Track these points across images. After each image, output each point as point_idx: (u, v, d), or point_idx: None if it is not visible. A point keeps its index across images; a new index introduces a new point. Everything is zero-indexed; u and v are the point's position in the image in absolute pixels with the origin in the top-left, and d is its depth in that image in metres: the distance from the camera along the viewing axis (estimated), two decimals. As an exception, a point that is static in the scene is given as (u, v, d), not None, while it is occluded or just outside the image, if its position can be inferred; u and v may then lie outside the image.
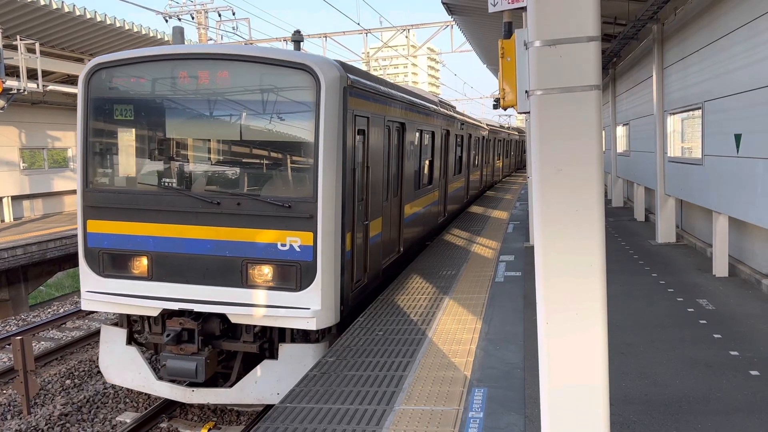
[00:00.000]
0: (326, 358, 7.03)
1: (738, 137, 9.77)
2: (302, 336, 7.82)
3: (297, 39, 9.05)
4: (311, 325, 7.39)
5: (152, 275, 7.86)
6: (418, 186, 12.90)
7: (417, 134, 12.45)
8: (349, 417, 5.51)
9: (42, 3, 18.32)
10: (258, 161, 8.02)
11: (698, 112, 12.13)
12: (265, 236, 7.47)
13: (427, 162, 13.85)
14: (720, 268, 10.90)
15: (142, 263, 7.91)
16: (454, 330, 7.91)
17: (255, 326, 7.75)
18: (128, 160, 8.39)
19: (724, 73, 10.56)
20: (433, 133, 14.19)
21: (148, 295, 7.85)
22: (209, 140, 8.09)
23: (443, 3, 15.60)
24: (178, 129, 8.03)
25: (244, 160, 8.05)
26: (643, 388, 6.15)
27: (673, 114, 14.29)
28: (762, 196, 8.87)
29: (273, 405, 6.95)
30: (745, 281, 10.41)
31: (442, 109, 15.41)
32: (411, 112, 11.70)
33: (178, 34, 9.02)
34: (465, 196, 21.20)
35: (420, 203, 13.10)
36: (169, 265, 7.78)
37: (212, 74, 7.65)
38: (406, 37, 29.41)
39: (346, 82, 7.75)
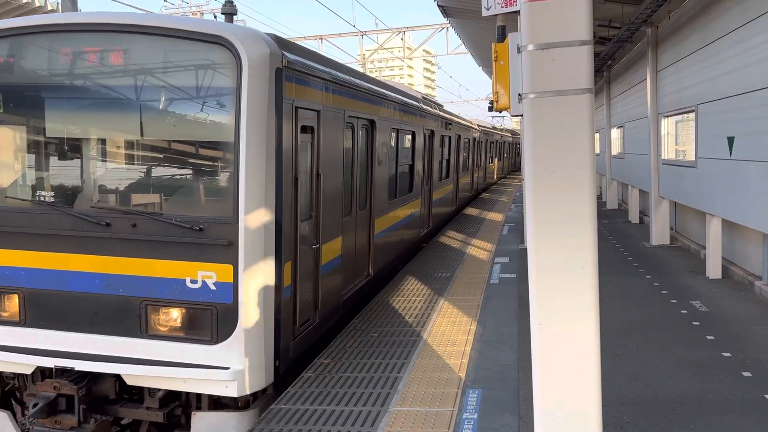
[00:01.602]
0: (321, 359, 7.04)
1: (731, 140, 9.84)
2: (228, 399, 5.91)
3: (228, 11, 7.10)
4: (231, 391, 5.57)
5: (25, 320, 6.06)
6: (395, 195, 11.14)
7: (392, 134, 10.69)
8: (344, 418, 5.53)
9: (37, 4, 18.32)
10: (162, 168, 6.21)
11: (692, 115, 12.20)
12: (169, 269, 5.69)
13: (406, 167, 12.26)
14: (713, 269, 10.97)
15: (12, 303, 6.12)
16: (449, 332, 7.93)
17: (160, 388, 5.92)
18: None
19: (717, 76, 10.62)
20: (413, 134, 12.57)
21: (20, 346, 6.02)
22: (99, 139, 6.24)
23: (438, 5, 15.65)
24: (58, 125, 6.24)
25: (143, 167, 6.21)
26: (636, 389, 6.18)
27: (667, 117, 14.36)
28: (754, 198, 8.93)
29: None
30: (739, 283, 10.47)
31: (425, 107, 13.74)
32: (383, 108, 9.95)
33: (69, 1, 7.01)
34: (454, 202, 19.72)
35: (397, 215, 11.38)
36: (47, 307, 6.00)
37: (103, 51, 5.91)
38: (402, 39, 29.52)
39: (281, 62, 5.94)
